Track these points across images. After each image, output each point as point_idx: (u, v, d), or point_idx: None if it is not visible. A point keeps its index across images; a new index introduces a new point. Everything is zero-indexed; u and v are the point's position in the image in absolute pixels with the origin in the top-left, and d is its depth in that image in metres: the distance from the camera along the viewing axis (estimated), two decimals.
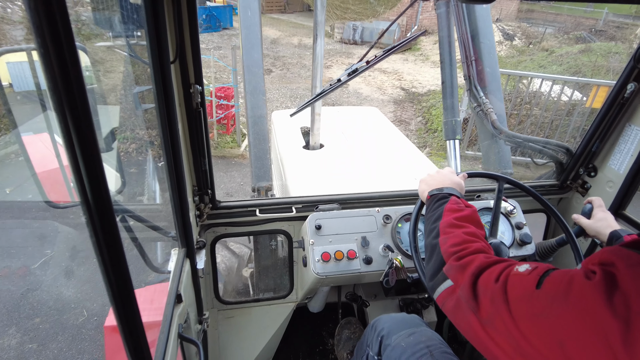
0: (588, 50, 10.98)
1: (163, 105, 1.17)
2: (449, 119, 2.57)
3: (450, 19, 2.54)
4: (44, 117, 2.45)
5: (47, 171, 2.53)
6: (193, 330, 1.69)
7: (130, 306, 0.74)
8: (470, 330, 0.97)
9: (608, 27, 18.38)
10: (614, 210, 1.97)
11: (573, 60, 10.33)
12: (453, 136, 2.58)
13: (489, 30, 2.51)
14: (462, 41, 2.49)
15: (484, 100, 2.43)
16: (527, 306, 0.84)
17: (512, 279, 0.90)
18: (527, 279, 0.87)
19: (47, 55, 0.48)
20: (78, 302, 3.77)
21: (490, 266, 0.99)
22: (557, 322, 0.77)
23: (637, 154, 1.85)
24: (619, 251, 0.80)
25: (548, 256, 1.86)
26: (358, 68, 2.09)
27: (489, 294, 0.92)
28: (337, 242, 1.83)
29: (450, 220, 1.22)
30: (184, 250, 1.56)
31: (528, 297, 0.84)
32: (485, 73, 2.47)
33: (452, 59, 2.58)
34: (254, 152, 2.42)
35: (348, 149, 3.26)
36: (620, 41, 14.33)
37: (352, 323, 2.40)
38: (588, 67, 9.74)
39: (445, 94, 2.60)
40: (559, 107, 6.75)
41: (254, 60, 2.50)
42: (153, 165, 3.37)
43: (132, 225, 1.65)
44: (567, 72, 9.65)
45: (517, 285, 0.88)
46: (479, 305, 0.94)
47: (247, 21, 2.55)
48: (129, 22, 2.09)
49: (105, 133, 2.50)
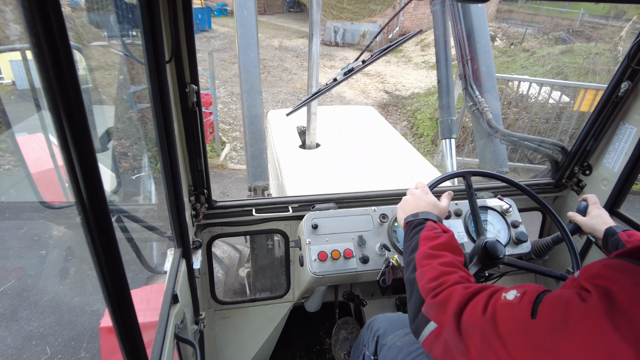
0: (569, 52, 11.00)
1: (159, 104, 1.16)
2: (445, 117, 2.62)
3: (446, 17, 2.58)
4: (38, 117, 2.44)
5: (42, 171, 2.52)
6: (189, 330, 1.68)
7: (126, 307, 0.74)
8: None
9: (584, 28, 18.55)
10: (608, 208, 1.98)
11: (555, 62, 10.36)
12: (449, 135, 2.61)
13: (484, 30, 2.51)
14: (457, 40, 2.50)
15: (480, 99, 2.44)
16: (523, 339, 0.75)
17: (501, 309, 0.82)
18: (518, 307, 0.79)
19: (41, 54, 0.48)
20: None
21: (472, 297, 0.91)
22: (562, 354, 0.70)
23: (631, 152, 1.86)
24: (623, 266, 0.72)
25: (544, 254, 1.87)
26: (354, 67, 2.09)
27: (478, 330, 0.83)
28: (333, 241, 1.83)
29: (426, 251, 1.15)
30: (180, 251, 1.55)
31: (523, 329, 0.76)
32: (481, 72, 2.47)
33: (447, 58, 2.61)
34: (251, 151, 2.41)
35: (344, 148, 3.26)
36: (598, 41, 14.32)
37: (349, 323, 2.40)
38: (570, 68, 9.77)
39: (441, 93, 2.63)
40: (547, 110, 6.74)
41: (250, 60, 2.51)
42: (149, 164, 3.36)
43: (127, 226, 1.64)
44: (550, 74, 9.67)
45: (509, 317, 0.80)
46: (468, 345, 0.85)
47: (243, 20, 2.56)
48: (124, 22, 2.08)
49: (101, 133, 2.49)
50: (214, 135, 7.25)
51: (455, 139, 2.64)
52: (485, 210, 1.99)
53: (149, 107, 1.19)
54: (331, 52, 16.12)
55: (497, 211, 1.99)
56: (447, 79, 2.62)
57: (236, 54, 2.53)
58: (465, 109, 5.76)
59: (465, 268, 1.12)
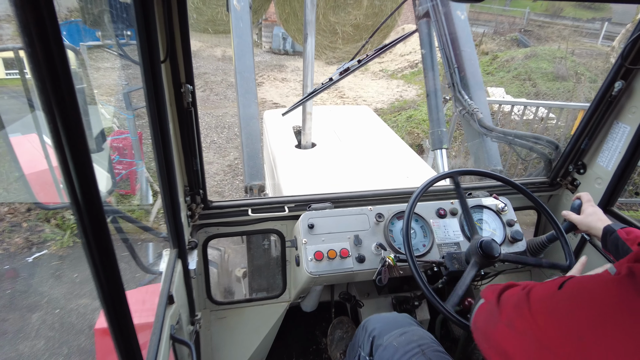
0: (533, 56, 10.77)
1: (154, 104, 1.16)
2: (435, 129, 2.80)
3: (432, 37, 2.81)
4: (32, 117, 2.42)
5: (36, 172, 2.51)
6: (185, 331, 1.68)
7: (121, 308, 0.74)
8: (490, 338, 0.99)
9: (532, 27, 18.30)
10: (602, 206, 1.99)
11: (521, 67, 10.14)
12: (440, 145, 2.78)
13: (468, 38, 2.65)
14: (444, 52, 2.64)
15: (469, 102, 2.53)
16: (546, 304, 0.86)
17: (537, 286, 0.93)
18: (550, 283, 0.90)
19: (34, 55, 0.48)
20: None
21: (515, 285, 1.03)
22: (574, 316, 0.79)
23: (624, 151, 1.87)
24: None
25: (539, 252, 1.88)
26: (350, 67, 2.10)
27: (514, 300, 0.95)
28: (329, 240, 1.83)
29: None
30: (175, 251, 1.55)
31: (549, 297, 0.86)
32: (468, 77, 2.59)
33: (435, 73, 2.82)
34: (247, 151, 2.42)
35: (340, 148, 3.26)
36: (548, 41, 14.04)
37: (344, 322, 2.40)
38: (537, 74, 9.60)
39: (430, 106, 2.84)
40: (534, 129, 6.25)
41: (245, 66, 2.67)
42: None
43: (123, 226, 1.64)
44: (517, 80, 9.48)
45: (540, 289, 0.91)
46: (501, 310, 0.97)
47: (239, 31, 2.77)
48: (118, 21, 2.08)
49: (96, 133, 2.48)
50: (139, 188, 5.46)
51: (447, 149, 2.74)
52: (480, 209, 2.00)
53: (144, 107, 1.19)
54: (281, 61, 14.15)
55: (492, 210, 2.00)
56: (436, 93, 2.79)
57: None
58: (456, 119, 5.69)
59: None
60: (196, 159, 1.65)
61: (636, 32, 1.68)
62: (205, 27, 5.92)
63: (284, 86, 11.60)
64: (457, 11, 2.63)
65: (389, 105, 10.46)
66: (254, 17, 5.49)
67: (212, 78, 11.53)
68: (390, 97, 11.33)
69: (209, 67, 12.64)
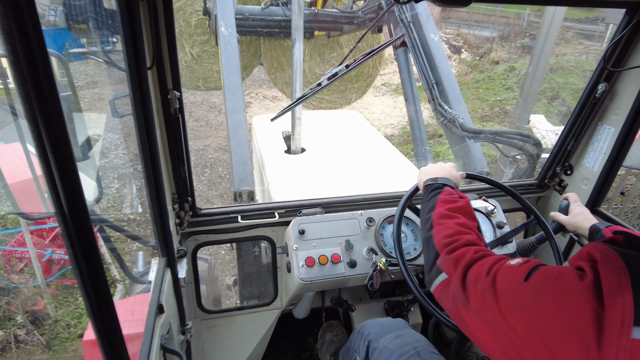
0: (559, 69, 9.87)
1: (140, 112, 1.15)
2: (419, 148, 3.14)
3: (409, 63, 3.19)
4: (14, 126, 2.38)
5: (20, 182, 2.46)
6: (176, 340, 1.65)
7: (110, 319, 0.72)
8: (462, 323, 0.99)
9: (534, 29, 17.16)
10: (589, 207, 2.02)
11: (546, 82, 8.87)
12: (425, 162, 2.99)
13: (443, 56, 2.92)
14: (422, 73, 2.89)
15: (449, 111, 2.71)
16: (513, 297, 0.86)
17: (502, 271, 0.92)
18: (516, 271, 0.89)
19: (17, 62, 0.47)
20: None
21: (481, 259, 1.01)
22: (538, 313, 0.80)
23: (609, 152, 1.90)
24: (596, 247, 0.84)
25: (528, 254, 1.89)
26: (338, 72, 2.10)
27: (480, 287, 0.94)
28: (320, 246, 1.82)
29: (443, 212, 1.24)
30: (164, 260, 1.53)
31: (515, 288, 0.86)
32: (447, 91, 2.80)
33: (414, 96, 3.21)
34: (235, 157, 2.40)
35: (330, 153, 3.26)
36: (556, 46, 12.26)
37: (334, 326, 2.39)
38: (567, 90, 8.60)
39: (413, 127, 3.26)
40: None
41: (233, 83, 2.83)
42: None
43: (110, 235, 1.61)
44: (544, 96, 8.46)
45: (506, 277, 0.90)
46: (468, 297, 0.96)
47: (227, 53, 3.01)
48: (104, 28, 2.06)
49: (81, 141, 2.44)
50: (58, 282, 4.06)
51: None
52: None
53: (130, 115, 1.18)
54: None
55: (482, 212, 2.01)
56: (417, 114, 3.11)
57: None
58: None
59: (478, 232, 1.21)
60: (184, 166, 1.63)
61: (617, 35, 1.72)
62: (197, 84, 6.13)
63: (275, 106, 10.16)
64: (430, 34, 2.94)
65: (401, 131, 8.63)
66: (243, 73, 5.78)
67: (192, 98, 9.52)
68: (399, 119, 9.58)
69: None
